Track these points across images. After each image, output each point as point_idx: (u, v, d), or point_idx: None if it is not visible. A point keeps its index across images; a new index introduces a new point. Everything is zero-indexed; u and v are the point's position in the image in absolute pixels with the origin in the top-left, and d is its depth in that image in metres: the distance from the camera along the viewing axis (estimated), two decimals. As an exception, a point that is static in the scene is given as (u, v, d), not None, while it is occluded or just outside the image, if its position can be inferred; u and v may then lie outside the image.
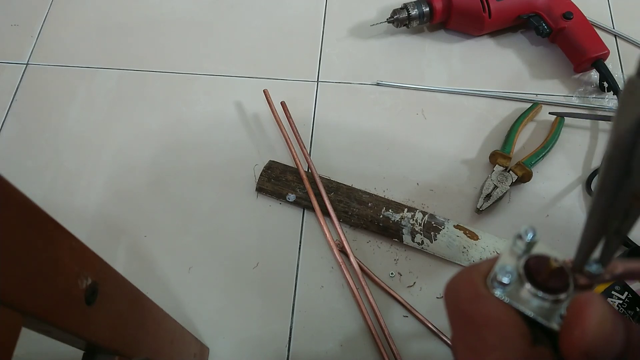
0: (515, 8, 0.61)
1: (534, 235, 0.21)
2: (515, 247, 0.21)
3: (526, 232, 0.21)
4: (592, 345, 0.17)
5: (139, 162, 0.58)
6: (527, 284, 0.20)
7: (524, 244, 0.21)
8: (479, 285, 0.20)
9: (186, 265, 0.52)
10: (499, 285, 0.20)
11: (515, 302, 0.20)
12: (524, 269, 0.20)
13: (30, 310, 0.20)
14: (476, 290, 0.20)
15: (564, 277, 0.20)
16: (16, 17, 0.68)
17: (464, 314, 0.20)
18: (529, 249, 0.21)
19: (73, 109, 0.61)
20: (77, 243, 0.24)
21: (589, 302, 0.18)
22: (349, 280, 0.49)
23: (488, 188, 0.53)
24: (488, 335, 0.19)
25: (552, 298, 0.19)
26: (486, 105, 0.61)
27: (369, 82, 0.62)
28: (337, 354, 0.47)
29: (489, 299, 0.19)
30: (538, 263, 0.20)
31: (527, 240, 0.21)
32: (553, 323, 0.19)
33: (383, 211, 0.52)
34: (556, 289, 0.20)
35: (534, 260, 0.20)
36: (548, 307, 0.20)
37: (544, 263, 0.20)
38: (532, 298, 0.20)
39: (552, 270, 0.20)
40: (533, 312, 0.19)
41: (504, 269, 0.20)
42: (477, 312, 0.19)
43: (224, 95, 0.62)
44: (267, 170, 0.55)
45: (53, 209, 0.23)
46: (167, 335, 0.37)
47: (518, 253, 0.21)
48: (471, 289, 0.20)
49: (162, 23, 0.68)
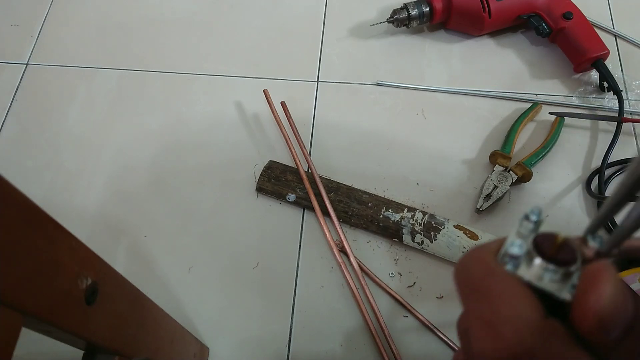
0: (515, 8, 0.61)
1: (539, 215, 0.22)
2: (522, 228, 0.22)
3: (532, 212, 0.22)
4: (607, 311, 0.18)
5: (139, 162, 0.58)
6: (537, 259, 0.20)
7: (530, 224, 0.22)
8: (491, 262, 0.21)
9: (186, 265, 0.52)
10: (510, 260, 0.20)
11: (526, 275, 0.20)
12: (533, 245, 0.21)
13: (30, 310, 0.20)
14: (488, 266, 0.20)
15: (572, 251, 0.21)
16: (16, 17, 0.68)
17: (477, 290, 0.21)
18: (536, 229, 0.22)
19: (73, 109, 0.61)
20: (77, 243, 0.24)
21: (604, 269, 0.19)
22: (349, 280, 0.49)
23: (488, 188, 0.53)
24: (502, 308, 0.19)
25: (562, 270, 0.20)
26: (486, 105, 0.61)
27: (369, 82, 0.62)
28: (337, 354, 0.47)
29: (501, 274, 0.20)
30: (545, 239, 0.21)
31: (534, 219, 0.22)
32: (565, 294, 0.20)
33: (383, 211, 0.52)
34: (565, 261, 0.20)
35: (541, 237, 0.21)
36: (558, 279, 0.20)
37: (551, 238, 0.21)
38: (543, 272, 0.20)
39: (559, 244, 0.21)
40: (545, 285, 0.20)
41: (514, 243, 0.21)
42: (490, 287, 0.20)
43: (224, 95, 0.62)
44: (267, 170, 0.55)
45: (53, 209, 0.23)
46: (167, 335, 0.37)
47: (524, 234, 0.22)
48: (483, 265, 0.21)
49: (162, 23, 0.68)
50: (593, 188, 0.54)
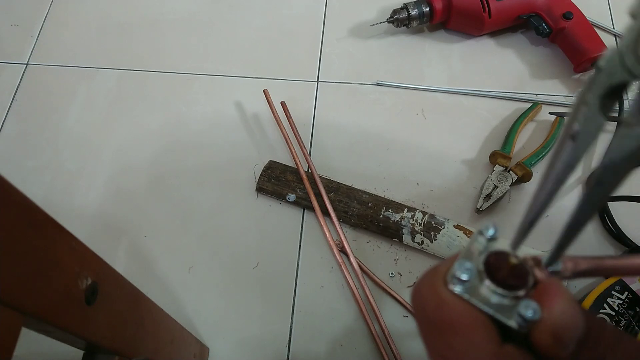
0: (515, 8, 0.61)
1: (495, 232, 0.21)
2: (476, 244, 0.21)
3: (487, 229, 0.21)
4: (561, 325, 0.18)
5: (139, 162, 0.58)
6: (487, 281, 0.20)
7: (485, 241, 0.21)
8: (440, 289, 0.20)
9: (186, 265, 0.52)
10: (458, 282, 0.20)
11: (474, 299, 0.19)
12: (484, 265, 0.20)
13: (30, 310, 0.20)
14: (438, 295, 0.20)
15: (524, 274, 0.20)
16: (16, 17, 0.68)
17: (429, 322, 0.20)
18: (491, 246, 0.21)
19: (73, 109, 0.61)
20: (77, 243, 0.24)
21: (554, 286, 0.19)
22: (349, 280, 0.49)
23: (488, 188, 0.53)
24: (454, 341, 0.19)
25: (510, 295, 0.19)
26: (486, 105, 0.61)
27: (369, 82, 0.62)
28: (337, 354, 0.47)
29: (451, 303, 0.19)
30: (497, 260, 0.20)
31: (488, 236, 0.21)
32: (512, 320, 0.19)
33: (383, 211, 0.52)
34: (515, 285, 0.20)
35: (494, 257, 0.20)
36: (507, 303, 0.20)
37: (503, 260, 0.20)
38: (492, 295, 0.20)
39: (511, 267, 0.20)
40: (492, 310, 0.19)
41: (463, 265, 0.20)
42: (441, 318, 0.19)
43: (224, 95, 0.62)
44: (267, 170, 0.55)
45: (53, 209, 0.23)
46: (167, 335, 0.37)
47: (480, 249, 0.21)
48: (433, 294, 0.20)
49: (162, 23, 0.68)
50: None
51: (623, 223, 0.51)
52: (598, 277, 0.49)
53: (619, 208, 0.52)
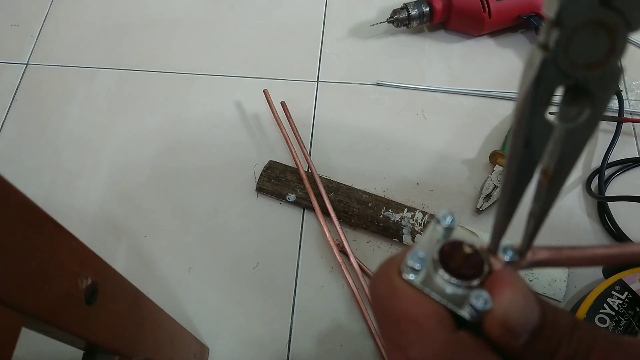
0: (515, 8, 0.61)
1: (452, 220, 0.21)
2: (434, 233, 0.21)
3: (444, 217, 0.21)
4: (511, 316, 0.18)
5: (139, 162, 0.58)
6: (440, 270, 0.20)
7: (442, 229, 0.21)
8: (394, 278, 0.20)
9: (186, 265, 0.52)
10: (411, 271, 0.20)
11: (427, 288, 0.19)
12: (439, 254, 0.20)
13: (30, 310, 0.20)
14: (391, 284, 0.20)
15: (478, 264, 0.20)
16: (16, 17, 0.68)
17: (384, 311, 0.20)
18: (448, 234, 0.21)
19: (73, 109, 0.61)
20: (77, 243, 0.24)
21: (505, 276, 0.19)
22: (349, 280, 0.49)
23: (488, 188, 0.53)
24: (407, 329, 0.19)
25: (464, 284, 0.19)
26: (486, 105, 0.61)
27: (369, 82, 0.62)
28: (337, 354, 0.47)
29: (403, 292, 0.19)
30: (452, 249, 0.20)
31: (446, 225, 0.21)
32: (464, 310, 0.19)
33: (383, 211, 0.52)
34: (469, 275, 0.19)
35: (448, 247, 0.20)
36: (461, 293, 0.19)
37: (458, 249, 0.20)
38: (446, 284, 0.20)
39: (465, 256, 0.20)
40: (444, 299, 0.19)
41: (416, 254, 0.20)
42: (394, 307, 0.20)
43: (224, 95, 0.62)
44: (267, 170, 0.55)
45: (53, 209, 0.23)
46: (167, 335, 0.37)
47: (437, 238, 0.21)
48: (387, 283, 0.20)
49: (162, 23, 0.68)
50: (593, 188, 0.54)
51: (623, 223, 0.51)
52: (573, 268, 0.49)
53: (619, 208, 0.52)
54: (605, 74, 0.15)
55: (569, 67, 0.15)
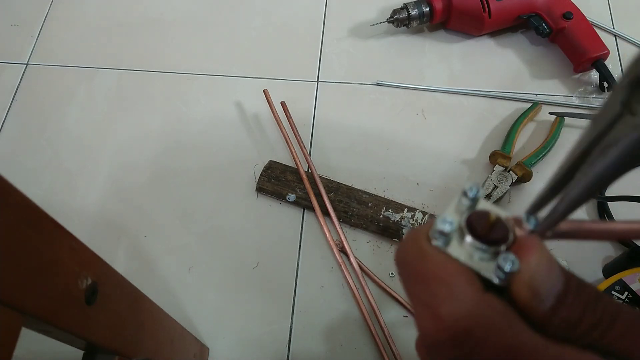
0: (515, 8, 0.61)
1: (477, 192, 0.21)
2: (460, 205, 0.22)
3: (471, 189, 0.21)
4: (538, 279, 0.19)
5: (139, 162, 0.58)
6: (468, 237, 0.20)
7: (468, 201, 0.22)
8: (423, 243, 0.21)
9: (186, 265, 0.52)
10: (440, 235, 0.20)
11: (455, 252, 0.20)
12: (466, 222, 0.21)
13: (30, 310, 0.20)
14: (420, 248, 0.21)
15: (504, 230, 0.21)
16: (16, 17, 0.68)
17: (413, 273, 0.21)
18: (474, 206, 0.22)
19: (73, 109, 0.61)
20: (77, 243, 0.24)
21: (531, 242, 0.20)
22: (349, 280, 0.49)
23: (488, 188, 0.53)
24: (437, 288, 0.20)
25: (491, 249, 0.20)
26: (486, 105, 0.61)
27: (369, 82, 0.62)
28: (337, 354, 0.47)
29: (433, 254, 0.20)
30: (479, 217, 0.21)
31: (471, 196, 0.21)
32: (492, 274, 0.20)
33: (383, 211, 0.52)
34: (496, 240, 0.20)
35: (475, 215, 0.21)
36: (489, 258, 0.20)
37: (485, 217, 0.21)
38: (474, 250, 0.20)
39: (492, 223, 0.20)
40: (474, 264, 0.20)
41: (444, 219, 0.20)
42: (424, 269, 0.20)
43: (224, 95, 0.62)
44: (267, 170, 0.55)
45: (53, 209, 0.23)
46: (167, 335, 0.37)
47: (462, 210, 0.22)
48: (416, 247, 0.21)
49: (162, 23, 0.68)
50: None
51: (623, 223, 0.51)
52: (583, 240, 0.49)
53: (619, 208, 0.52)
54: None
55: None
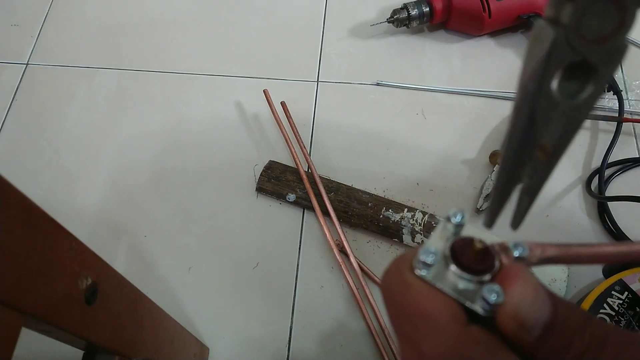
0: (515, 8, 0.61)
1: (462, 218, 0.21)
2: (444, 231, 0.21)
3: (455, 215, 0.21)
4: (523, 310, 0.18)
5: (139, 162, 0.58)
6: (452, 266, 0.20)
7: (452, 227, 0.21)
8: (406, 274, 0.20)
9: (186, 265, 0.52)
10: (423, 266, 0.20)
11: (439, 283, 0.20)
12: (450, 250, 0.20)
13: (30, 310, 0.20)
14: (403, 279, 0.20)
15: (489, 259, 0.20)
16: (16, 17, 0.68)
17: (396, 307, 0.21)
18: (458, 232, 0.21)
19: (73, 109, 0.61)
20: (77, 243, 0.24)
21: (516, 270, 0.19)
22: (349, 280, 0.49)
23: (488, 188, 0.53)
24: (419, 323, 0.19)
25: (475, 279, 0.20)
26: (486, 105, 0.61)
27: (369, 82, 0.62)
28: (337, 354, 0.47)
29: (416, 287, 0.20)
30: (463, 245, 0.20)
31: (456, 222, 0.21)
32: (476, 305, 0.19)
33: (383, 211, 0.52)
34: (480, 270, 0.20)
35: (459, 243, 0.20)
36: (473, 288, 0.20)
37: (469, 245, 0.20)
38: (458, 280, 0.20)
39: (477, 252, 0.20)
40: (457, 294, 0.19)
41: (428, 249, 0.20)
42: (406, 302, 0.20)
43: (224, 95, 0.62)
44: (267, 170, 0.55)
45: (53, 209, 0.23)
46: (167, 335, 0.37)
47: (447, 236, 0.21)
48: (399, 278, 0.20)
49: (162, 23, 0.68)
50: (593, 188, 0.54)
51: (623, 223, 0.51)
52: (577, 266, 0.49)
53: (619, 208, 0.52)
54: (612, 49, 0.15)
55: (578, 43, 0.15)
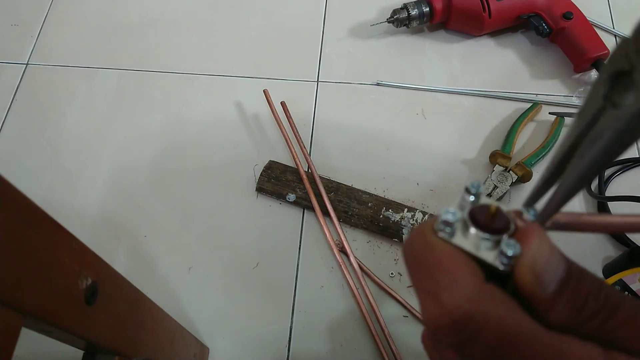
0: (515, 8, 0.61)
1: (479, 187, 0.23)
2: (462, 201, 0.23)
3: (472, 185, 0.23)
4: (539, 263, 0.19)
5: (139, 162, 0.58)
6: (471, 228, 0.22)
7: (470, 196, 0.23)
8: (428, 235, 0.22)
9: (186, 265, 0.52)
10: (444, 226, 0.21)
11: (459, 242, 0.21)
12: (468, 215, 0.22)
13: (30, 310, 0.20)
14: (426, 240, 0.22)
15: (505, 220, 0.22)
16: (16, 17, 0.68)
17: (418, 264, 0.22)
18: (476, 202, 0.23)
19: (73, 109, 0.61)
20: (77, 243, 0.24)
21: (532, 228, 0.21)
22: (349, 280, 0.49)
23: (488, 188, 0.53)
24: (440, 277, 0.20)
25: (493, 238, 0.21)
26: (486, 105, 0.61)
27: (369, 82, 0.62)
28: (337, 354, 0.47)
29: (437, 245, 0.21)
30: (481, 209, 0.22)
31: (474, 191, 0.23)
32: (496, 261, 0.21)
33: (383, 211, 0.52)
34: (497, 229, 0.21)
35: (477, 208, 0.22)
36: (492, 247, 0.21)
37: (486, 209, 0.22)
38: (478, 241, 0.21)
39: (493, 214, 0.22)
40: (478, 252, 0.21)
41: (448, 210, 0.22)
42: (429, 258, 0.21)
43: (224, 95, 0.62)
44: (267, 170, 0.55)
45: (53, 209, 0.23)
46: (167, 335, 0.37)
47: (465, 206, 0.23)
48: (422, 239, 0.22)
49: (162, 23, 0.68)
50: (593, 188, 0.54)
51: (623, 223, 0.51)
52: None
53: (619, 208, 0.52)
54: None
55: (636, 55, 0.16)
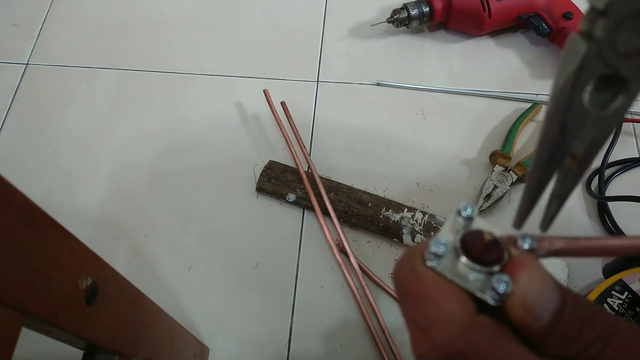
0: (515, 8, 0.61)
1: (472, 211, 0.21)
2: (455, 224, 0.22)
3: (465, 208, 0.21)
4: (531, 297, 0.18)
5: (139, 162, 0.58)
6: (463, 257, 0.20)
7: (462, 220, 0.21)
8: (417, 265, 0.21)
9: (186, 265, 0.52)
10: (434, 257, 0.20)
11: (449, 273, 0.20)
12: (460, 242, 0.21)
13: (30, 310, 0.20)
14: (414, 269, 0.21)
15: (498, 250, 0.20)
16: (16, 17, 0.68)
17: (405, 293, 0.21)
18: (468, 225, 0.22)
19: (73, 109, 0.61)
20: (77, 243, 0.24)
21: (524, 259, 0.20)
22: (349, 280, 0.49)
23: (488, 188, 0.53)
24: (428, 310, 0.20)
25: (485, 270, 0.20)
26: (486, 105, 0.61)
27: (369, 82, 0.62)
28: (337, 354, 0.47)
29: (426, 277, 0.20)
30: (473, 237, 0.21)
31: (466, 215, 0.21)
32: (486, 295, 0.20)
33: (383, 211, 0.52)
34: (489, 261, 0.20)
35: (469, 235, 0.21)
36: (483, 279, 0.20)
37: (478, 237, 0.21)
38: (468, 271, 0.20)
39: (486, 243, 0.20)
40: (467, 284, 0.20)
41: (438, 241, 0.20)
42: (417, 290, 0.20)
43: (224, 95, 0.62)
44: (267, 170, 0.55)
45: (53, 209, 0.23)
46: (167, 335, 0.37)
47: (457, 229, 0.22)
48: (410, 269, 0.21)
49: (162, 23, 0.68)
50: (593, 188, 0.54)
51: (623, 223, 0.51)
52: (578, 258, 0.49)
53: (619, 208, 0.52)
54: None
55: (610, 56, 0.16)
